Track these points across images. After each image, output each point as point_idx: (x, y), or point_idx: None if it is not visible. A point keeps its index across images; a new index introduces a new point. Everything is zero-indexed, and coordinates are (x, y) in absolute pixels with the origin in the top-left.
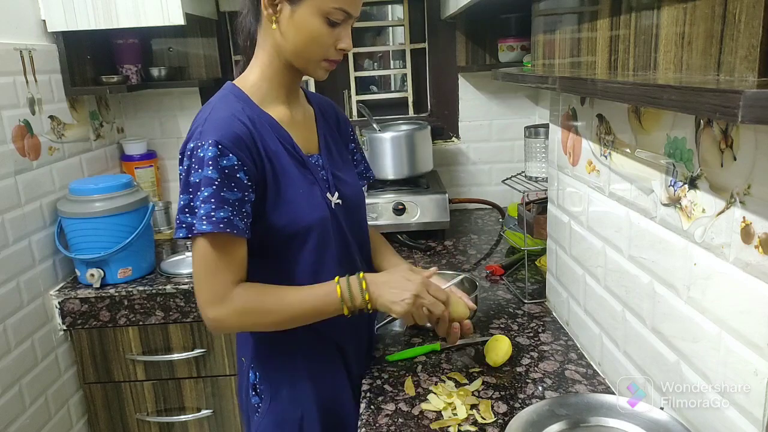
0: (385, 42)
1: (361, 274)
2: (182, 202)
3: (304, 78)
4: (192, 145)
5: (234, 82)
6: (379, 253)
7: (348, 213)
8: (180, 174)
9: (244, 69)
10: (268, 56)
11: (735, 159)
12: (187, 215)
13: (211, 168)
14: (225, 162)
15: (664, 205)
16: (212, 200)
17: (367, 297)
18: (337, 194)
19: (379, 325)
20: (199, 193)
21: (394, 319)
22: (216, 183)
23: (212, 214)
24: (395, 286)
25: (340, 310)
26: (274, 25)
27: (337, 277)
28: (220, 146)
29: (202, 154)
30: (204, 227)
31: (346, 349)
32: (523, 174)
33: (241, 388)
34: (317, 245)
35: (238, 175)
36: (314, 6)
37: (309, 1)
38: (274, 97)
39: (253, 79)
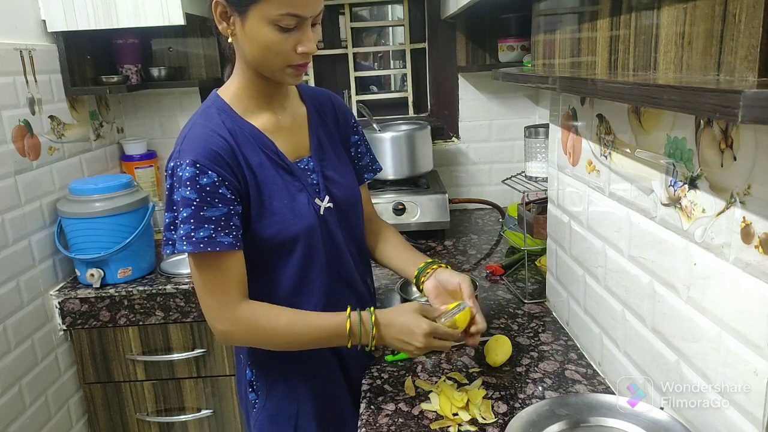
0: (385, 42)
1: (372, 309)
2: (167, 220)
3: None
4: (172, 164)
5: (218, 91)
6: (390, 246)
7: (341, 216)
8: (165, 191)
9: (231, 75)
10: (241, 67)
11: (735, 159)
12: (173, 232)
13: (189, 188)
14: (205, 180)
15: (664, 205)
16: (191, 220)
17: (374, 332)
18: (327, 198)
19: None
20: (178, 214)
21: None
22: (195, 203)
23: (192, 234)
24: (403, 333)
25: (345, 343)
26: (230, 39)
27: (348, 309)
28: (198, 165)
29: (181, 174)
30: (184, 247)
31: (342, 349)
32: (523, 174)
33: (240, 385)
34: (302, 255)
35: (220, 191)
36: (261, 15)
37: (255, 12)
38: (255, 105)
39: (233, 89)
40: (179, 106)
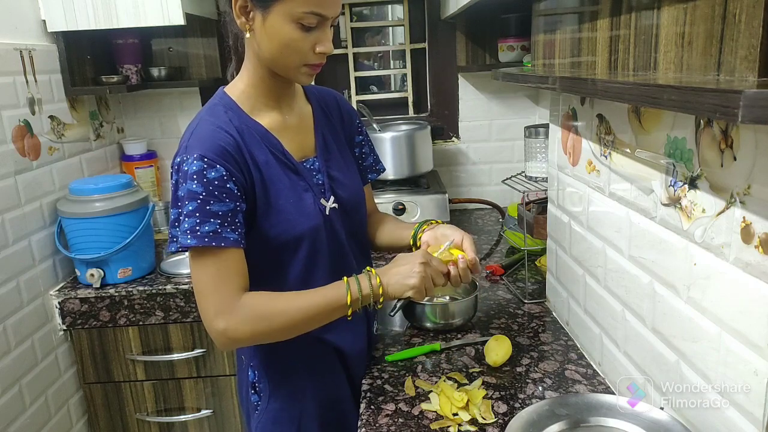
0: (385, 42)
1: (368, 268)
2: (173, 216)
3: None
4: (179, 159)
5: (225, 89)
6: (387, 224)
7: (346, 216)
8: (171, 188)
9: (236, 72)
10: (252, 64)
11: (735, 159)
12: (177, 229)
13: (195, 182)
14: (213, 174)
15: (664, 205)
16: (197, 214)
17: (378, 281)
18: (332, 199)
19: (392, 310)
20: (183, 208)
21: (401, 307)
22: (201, 197)
23: (197, 228)
24: (401, 264)
25: (347, 304)
26: (248, 34)
27: (345, 278)
28: (205, 159)
29: (186, 168)
30: (188, 241)
31: (344, 350)
32: (523, 174)
33: (241, 387)
34: (307, 254)
35: (228, 186)
36: (284, 12)
37: (279, 8)
38: (263, 104)
39: (241, 86)
40: (179, 106)
